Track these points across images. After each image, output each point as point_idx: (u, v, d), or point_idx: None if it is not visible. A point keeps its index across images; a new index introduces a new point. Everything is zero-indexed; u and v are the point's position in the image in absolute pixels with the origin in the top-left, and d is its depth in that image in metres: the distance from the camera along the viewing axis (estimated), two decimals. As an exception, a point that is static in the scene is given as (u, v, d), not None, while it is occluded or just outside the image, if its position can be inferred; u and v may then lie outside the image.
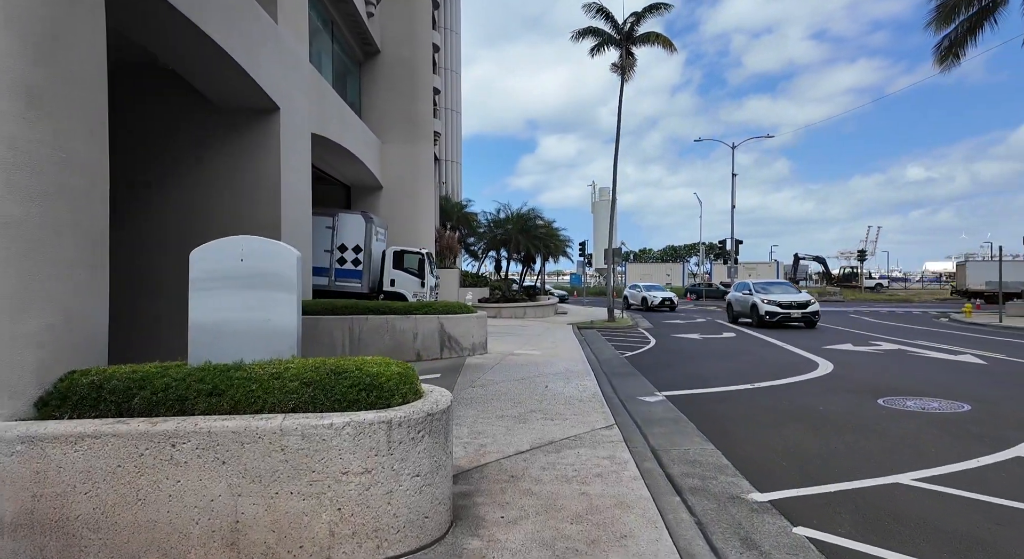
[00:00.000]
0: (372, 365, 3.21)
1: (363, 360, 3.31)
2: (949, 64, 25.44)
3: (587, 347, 12.84)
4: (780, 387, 7.83)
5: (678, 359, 11.13)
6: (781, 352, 11.92)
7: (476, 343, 10.78)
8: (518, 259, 26.13)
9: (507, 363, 9.90)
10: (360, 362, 3.26)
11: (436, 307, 10.63)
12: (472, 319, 10.72)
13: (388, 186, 18.78)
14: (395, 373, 3.19)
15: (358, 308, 10.37)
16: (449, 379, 8.33)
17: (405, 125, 18.89)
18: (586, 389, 7.59)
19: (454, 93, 35.45)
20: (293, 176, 10.70)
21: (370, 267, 15.82)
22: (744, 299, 20.08)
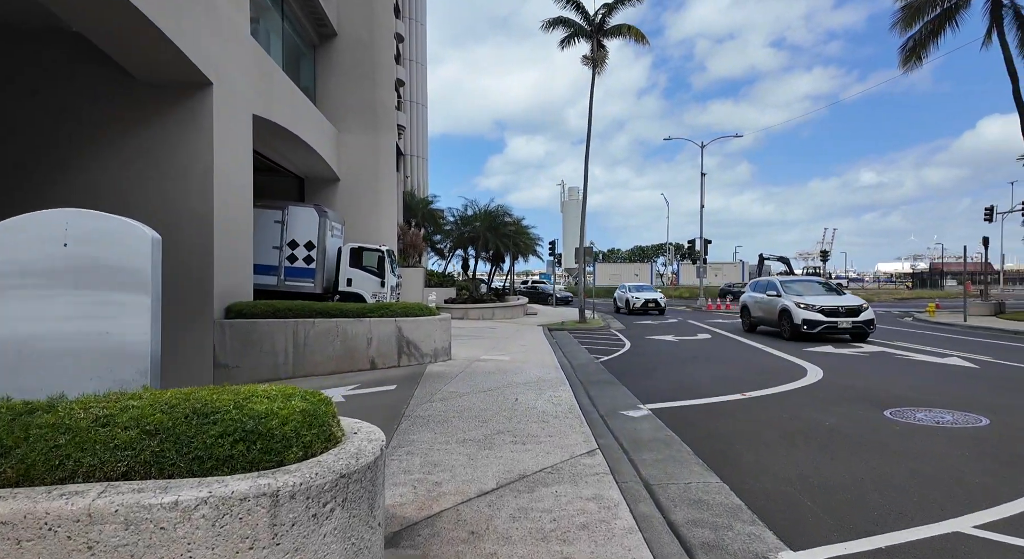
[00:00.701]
0: (260, 400, 2.19)
1: (251, 391, 2.29)
2: (912, 65, 25.74)
3: (559, 351, 11.97)
4: (774, 397, 7.08)
5: (657, 364, 10.35)
6: (763, 356, 11.29)
7: (439, 348, 9.76)
8: (487, 258, 25.11)
9: (473, 371, 8.91)
10: (246, 394, 2.24)
11: (393, 309, 9.56)
12: (434, 322, 9.69)
13: (346, 178, 17.51)
14: (295, 412, 2.17)
15: (304, 310, 9.21)
16: (405, 391, 7.29)
17: (364, 113, 17.65)
18: (561, 402, 6.68)
19: (420, 86, 34.20)
20: (230, 161, 9.45)
21: (324, 265, 14.57)
22: (768, 303, 15.30)
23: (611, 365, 10.18)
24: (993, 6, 23.03)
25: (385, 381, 8.15)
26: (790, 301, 14.22)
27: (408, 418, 5.92)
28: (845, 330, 13.42)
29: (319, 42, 17.55)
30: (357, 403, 6.85)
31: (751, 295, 16.98)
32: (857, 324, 13.36)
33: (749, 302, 16.86)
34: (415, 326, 9.47)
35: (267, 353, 8.89)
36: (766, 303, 15.52)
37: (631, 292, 27.48)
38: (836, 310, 13.53)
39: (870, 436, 5.15)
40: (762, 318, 15.95)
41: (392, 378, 8.36)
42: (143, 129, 8.87)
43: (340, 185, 17.56)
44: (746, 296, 17.45)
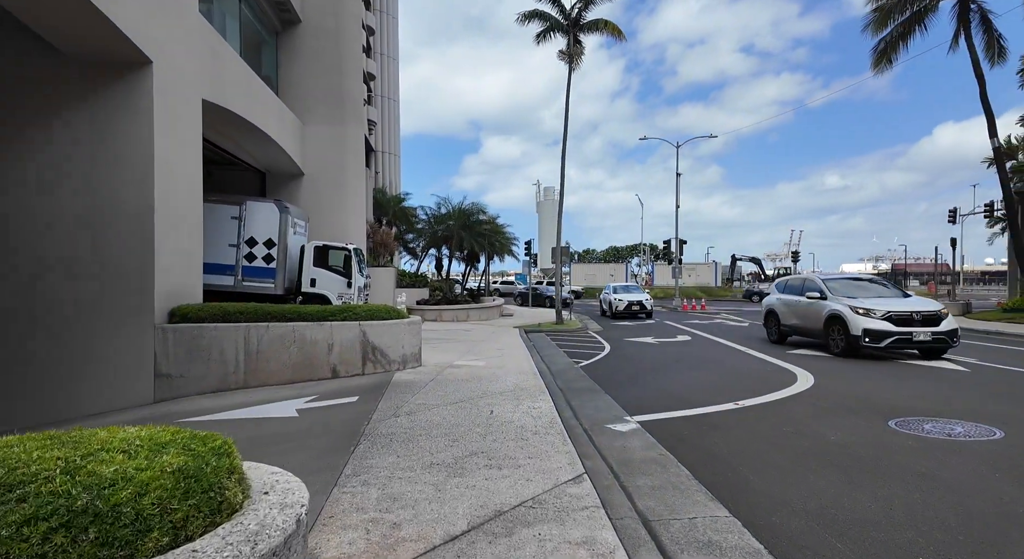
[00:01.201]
0: (111, 456, 1.48)
1: (104, 440, 1.57)
2: (883, 68, 26.00)
3: (536, 354, 11.34)
4: (770, 406, 6.58)
5: (640, 369, 9.80)
6: (749, 359, 10.87)
7: (407, 354, 9.02)
8: (461, 258, 24.35)
9: (444, 378, 8.21)
10: (94, 445, 1.52)
11: (357, 312, 8.78)
12: (402, 326, 8.95)
13: (311, 173, 16.57)
14: (163, 474, 1.47)
15: (257, 313, 8.37)
16: (367, 404, 6.55)
17: (331, 104, 16.74)
18: (541, 414, 6.04)
19: (391, 81, 33.24)
20: (174, 150, 8.55)
21: (286, 265, 13.65)
22: (809, 308, 12.00)
23: (592, 370, 9.59)
24: (960, 10, 23.36)
25: (346, 392, 7.39)
26: (842, 305, 10.94)
27: (368, 437, 5.20)
28: (922, 344, 10.22)
29: (281, 28, 16.58)
30: (311, 419, 6.08)
31: (780, 298, 13.53)
32: (938, 336, 10.12)
33: (778, 307, 13.42)
34: (381, 330, 8.72)
35: (215, 361, 8.03)
36: (805, 308, 12.18)
37: (615, 294, 24.48)
38: (909, 318, 10.26)
39: (885, 456, 4.64)
40: (798, 327, 12.60)
41: (355, 388, 7.60)
42: (70, 110, 7.91)
43: (305, 180, 16.62)
44: (772, 299, 13.95)
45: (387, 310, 9.05)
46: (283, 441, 5.28)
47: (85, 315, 7.76)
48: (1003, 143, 22.13)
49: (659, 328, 18.44)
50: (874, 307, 10.61)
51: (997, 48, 23.88)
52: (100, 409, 7.65)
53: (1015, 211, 21.35)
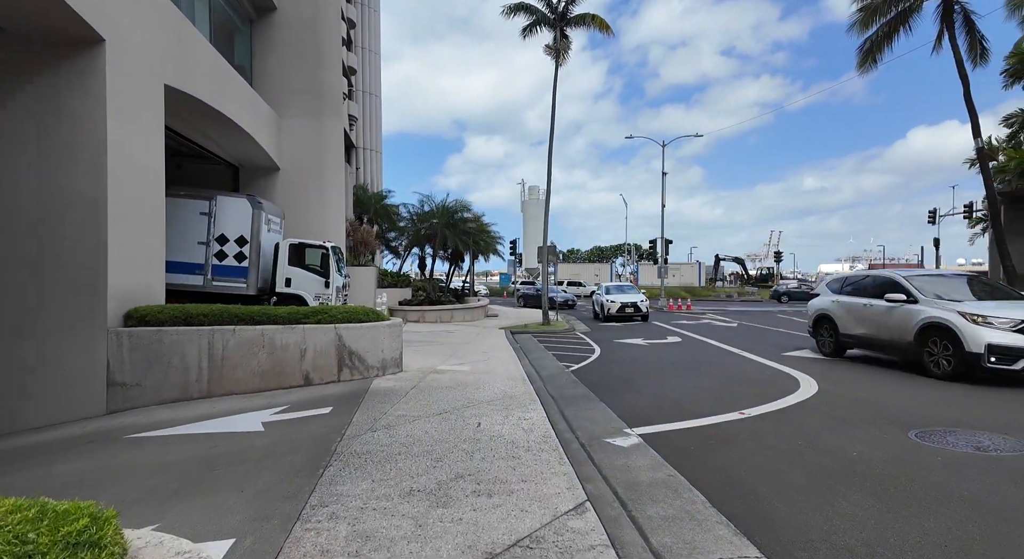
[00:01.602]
0: None
1: None
2: (868, 67, 26.01)
3: (524, 358, 10.82)
4: (778, 416, 6.14)
5: (634, 374, 9.34)
6: (743, 361, 10.48)
7: (387, 359, 8.43)
8: (445, 257, 23.72)
9: (427, 385, 7.64)
10: None
11: (333, 314, 8.16)
12: (381, 329, 8.35)
13: (287, 168, 15.83)
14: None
15: (223, 316, 7.71)
16: (341, 416, 5.96)
17: (308, 97, 16.02)
18: (533, 426, 5.52)
19: (373, 76, 32.45)
20: (132, 137, 7.84)
21: (259, 264, 12.93)
22: (892, 314, 9.29)
23: (584, 375, 9.10)
24: (944, 10, 23.42)
25: (320, 402, 6.78)
26: (946, 311, 8.29)
27: (340, 457, 4.62)
28: None
29: (256, 16, 15.81)
30: (278, 433, 5.48)
31: (838, 300, 10.63)
32: None
33: (835, 311, 10.58)
34: (359, 334, 8.11)
35: (176, 368, 7.35)
36: (881, 314, 9.49)
37: (607, 295, 22.44)
38: None
39: (916, 473, 4.20)
40: (867, 338, 9.92)
41: (329, 398, 6.99)
42: (14, 91, 7.16)
43: (280, 175, 15.88)
44: (824, 302, 11.05)
45: (365, 312, 8.45)
46: (242, 461, 4.67)
47: (30, 318, 7.03)
48: (984, 144, 22.21)
49: (648, 329, 18.06)
50: (997, 314, 7.87)
51: (979, 49, 23.99)
52: (46, 422, 6.93)
53: (998, 211, 21.43)
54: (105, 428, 6.28)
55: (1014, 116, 25.27)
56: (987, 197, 22.40)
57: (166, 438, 5.65)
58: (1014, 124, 25.29)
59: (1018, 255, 21.83)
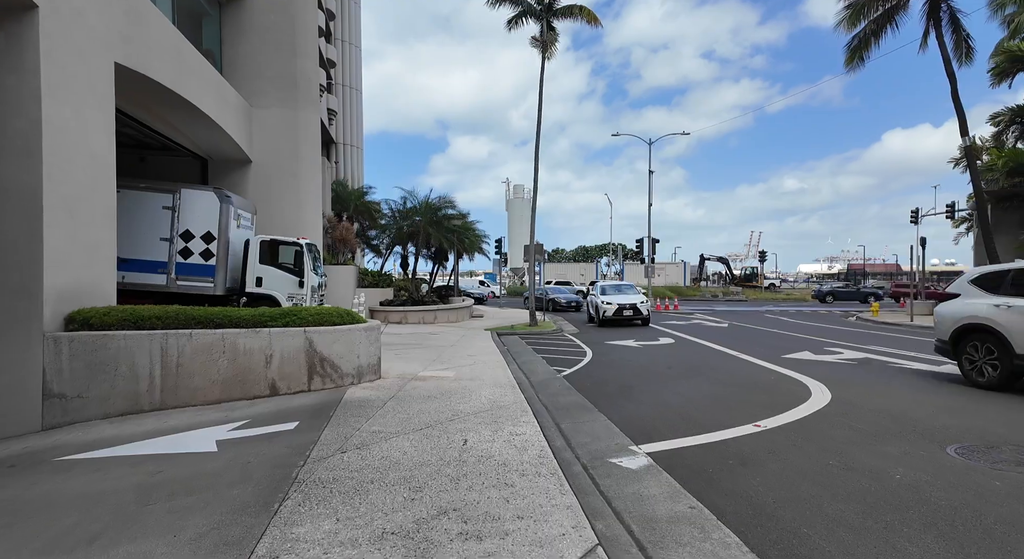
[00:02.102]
0: None
1: None
2: (855, 65, 25.86)
3: (513, 362, 10.16)
4: (797, 428, 5.56)
5: (632, 379, 8.73)
6: (745, 365, 9.95)
7: (364, 365, 7.69)
8: (428, 255, 22.94)
9: (407, 395, 6.94)
10: None
11: (303, 316, 7.40)
12: (357, 333, 7.61)
13: (260, 161, 14.95)
14: None
15: (179, 318, 6.91)
16: (308, 433, 5.23)
17: (282, 85, 15.15)
18: (527, 443, 4.86)
19: (354, 69, 31.51)
20: (74, 118, 6.99)
21: (228, 262, 12.07)
22: None
23: (577, 381, 8.46)
24: (931, 9, 23.34)
25: (285, 415, 6.04)
26: None
27: (301, 486, 3.90)
28: None
29: (225, 0, 14.90)
30: (232, 455, 4.73)
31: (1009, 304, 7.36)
32: None
33: (1004, 321, 7.34)
34: (332, 338, 7.36)
35: (124, 377, 6.54)
36: None
37: (603, 295, 19.68)
38: None
39: (980, 503, 3.63)
40: None
41: (295, 410, 6.25)
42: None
43: (253, 168, 14.98)
44: (978, 307, 7.76)
45: (339, 314, 7.70)
46: (187, 491, 3.93)
47: (-49, 322, 6.16)
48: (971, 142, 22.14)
49: (640, 330, 17.51)
50: None
51: (965, 48, 23.95)
52: (-31, 440, 6.06)
53: (985, 209, 21.36)
54: (33, 448, 5.46)
55: (1001, 115, 25.32)
56: (974, 196, 22.37)
57: (102, 461, 4.87)
58: (1000, 123, 25.35)
59: (1005, 254, 21.79)
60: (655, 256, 33.87)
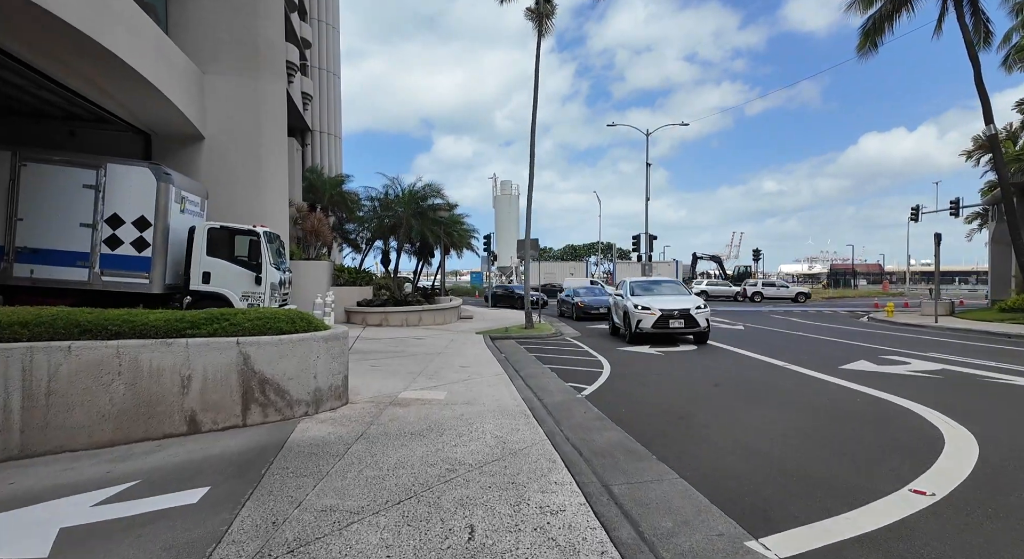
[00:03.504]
0: None
1: None
2: (867, 51, 24.32)
3: (516, 375, 8.21)
4: (987, 499, 3.67)
5: (679, 402, 6.82)
6: (809, 382, 8.11)
7: (324, 388, 5.67)
8: (413, 251, 20.89)
9: (381, 432, 4.95)
10: None
11: (237, 322, 5.35)
12: (314, 344, 5.57)
13: (214, 137, 12.81)
14: None
15: (54, 324, 4.83)
16: (213, 515, 3.20)
17: (241, 51, 13.03)
18: (575, 538, 2.92)
19: (331, 52, 29.27)
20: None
21: (167, 253, 9.94)
22: None
23: (607, 404, 6.53)
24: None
25: (195, 471, 4.01)
26: None
27: None
28: None
29: (174, -53, 12.73)
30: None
31: None
32: None
33: None
34: (278, 352, 5.32)
35: (-34, 412, 4.44)
36: None
37: (632, 297, 13.27)
38: None
39: None
40: None
41: (214, 462, 4.21)
42: None
43: (206, 146, 12.84)
44: None
45: (289, 318, 5.66)
46: None
47: None
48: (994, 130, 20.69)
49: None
50: None
51: (984, 32, 22.63)
52: None
53: (1012, 202, 19.92)
54: None
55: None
56: (1001, 188, 20.96)
57: None
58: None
59: (1032, 250, 20.38)
60: (652, 254, 32.16)
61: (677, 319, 12.36)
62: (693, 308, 12.52)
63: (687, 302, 12.91)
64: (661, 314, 12.31)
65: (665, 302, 12.79)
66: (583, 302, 20.78)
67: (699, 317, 12.47)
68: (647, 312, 12.51)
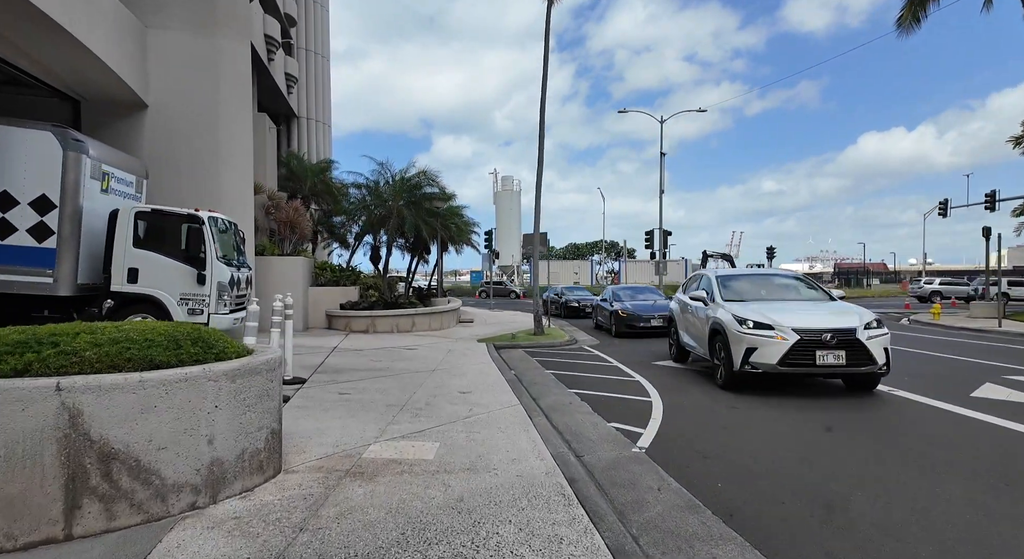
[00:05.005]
0: None
1: None
2: (908, 27, 22.13)
3: (536, 408, 5.97)
4: None
5: (791, 463, 4.57)
6: (950, 420, 5.87)
7: (229, 459, 3.38)
8: (406, 246, 18.65)
9: (319, 552, 2.67)
10: None
11: (69, 349, 3.07)
12: (207, 387, 3.27)
13: (160, 105, 10.56)
14: None
15: None
16: None
17: (194, 1, 10.76)
18: None
19: (320, 33, 27.00)
20: None
21: (79, 242, 7.70)
22: None
23: (687, 473, 4.27)
24: (1005, -44, 19.71)
25: None
26: None
27: None
28: None
29: None
30: None
31: None
32: None
33: None
34: (136, 403, 3.02)
35: None
36: None
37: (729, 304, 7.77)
38: None
39: None
40: None
41: None
42: None
43: (149, 116, 10.58)
44: None
45: (172, 340, 3.37)
46: None
47: None
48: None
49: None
50: None
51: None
52: None
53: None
54: None
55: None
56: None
57: None
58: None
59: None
60: (667, 251, 29.93)
61: (832, 350, 6.58)
62: (860, 327, 6.76)
63: (844, 316, 7.08)
64: (800, 340, 6.64)
65: (799, 316, 7.04)
66: (626, 309, 14.72)
67: (873, 345, 6.70)
68: (767, 335, 6.80)
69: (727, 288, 8.41)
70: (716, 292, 8.28)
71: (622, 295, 16.36)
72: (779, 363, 6.69)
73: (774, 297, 8.24)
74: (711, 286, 8.57)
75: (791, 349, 6.64)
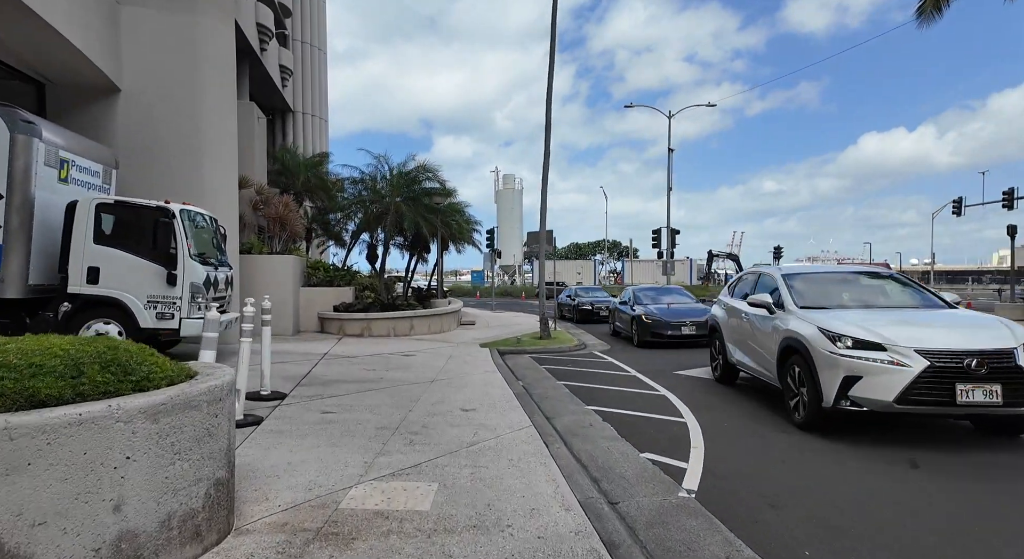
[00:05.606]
0: None
1: None
2: (928, 17, 21.26)
3: (553, 433, 5.08)
4: None
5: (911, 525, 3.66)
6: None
7: (147, 531, 2.48)
8: (404, 245, 17.76)
9: None
10: None
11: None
12: (115, 430, 2.37)
13: (134, 89, 9.67)
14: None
15: None
16: None
17: (172, -25, 9.87)
18: None
19: (315, 24, 26.10)
20: None
21: (29, 238, 6.81)
22: None
23: (758, 531, 3.38)
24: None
25: None
26: None
27: None
28: None
29: None
30: None
31: None
32: None
33: None
34: (6, 458, 2.13)
35: None
36: None
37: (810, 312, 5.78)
38: None
39: None
40: None
41: None
42: None
43: (122, 101, 9.69)
44: None
45: (73, 363, 2.47)
46: None
47: None
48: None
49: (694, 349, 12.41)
50: None
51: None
52: None
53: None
54: None
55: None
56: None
57: None
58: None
59: None
60: (674, 250, 29.03)
61: (981, 382, 4.62)
62: (1020, 348, 4.79)
63: (988, 331, 5.11)
64: (929, 366, 4.70)
65: (923, 331, 5.11)
66: (650, 314, 12.64)
67: None
68: (877, 359, 4.88)
69: (798, 291, 6.35)
70: (786, 296, 6.28)
71: (644, 297, 14.17)
72: (897, 400, 4.65)
73: (866, 303, 6.18)
74: (778, 287, 6.51)
75: (916, 380, 4.61)
